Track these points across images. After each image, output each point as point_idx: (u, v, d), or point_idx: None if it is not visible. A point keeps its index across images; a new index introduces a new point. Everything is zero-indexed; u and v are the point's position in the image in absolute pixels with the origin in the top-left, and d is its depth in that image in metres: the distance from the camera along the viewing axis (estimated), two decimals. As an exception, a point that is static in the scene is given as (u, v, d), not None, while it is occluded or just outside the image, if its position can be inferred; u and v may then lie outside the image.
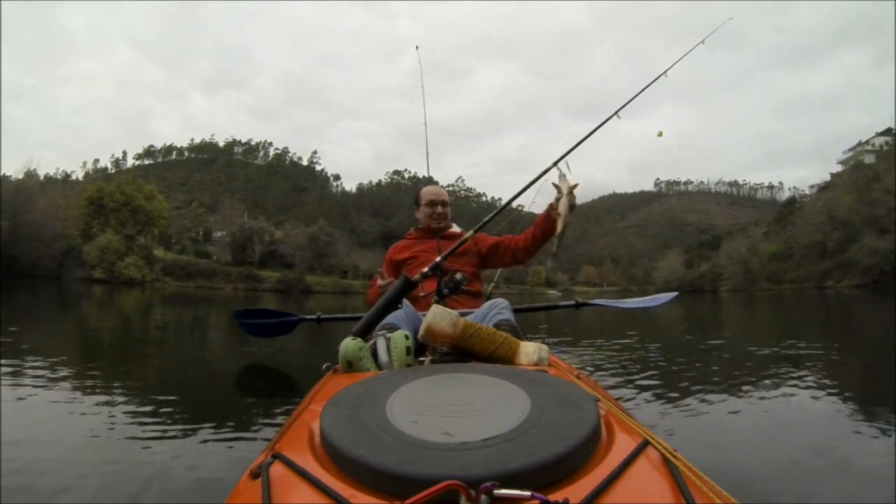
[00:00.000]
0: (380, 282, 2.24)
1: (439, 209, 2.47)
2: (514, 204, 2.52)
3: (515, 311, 1.86)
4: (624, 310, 3.77)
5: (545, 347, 1.36)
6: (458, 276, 2.02)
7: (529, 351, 1.35)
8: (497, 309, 1.72)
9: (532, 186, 2.37)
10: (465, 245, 2.27)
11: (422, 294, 2.10)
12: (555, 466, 0.67)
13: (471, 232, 2.31)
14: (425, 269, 2.10)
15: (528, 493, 0.60)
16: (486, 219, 2.38)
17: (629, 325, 6.87)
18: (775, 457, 1.90)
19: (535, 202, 3.22)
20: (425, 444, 0.72)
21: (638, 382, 3.21)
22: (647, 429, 0.83)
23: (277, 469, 0.74)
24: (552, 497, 0.60)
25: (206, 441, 2.21)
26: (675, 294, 3.81)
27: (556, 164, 2.33)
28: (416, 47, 3.79)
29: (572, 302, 3.65)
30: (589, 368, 3.67)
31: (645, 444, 0.76)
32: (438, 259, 2.17)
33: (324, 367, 1.66)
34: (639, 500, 0.65)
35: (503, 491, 0.60)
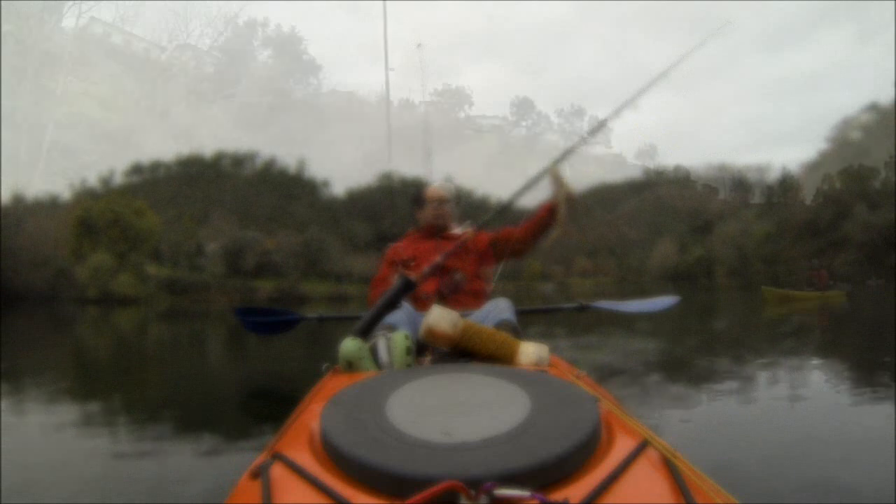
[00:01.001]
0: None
1: (443, 207, 2.48)
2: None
3: (517, 312, 1.86)
4: (625, 314, 3.80)
5: (545, 347, 1.36)
6: (459, 275, 2.01)
7: (529, 351, 1.35)
8: (498, 309, 1.73)
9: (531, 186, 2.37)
10: (465, 244, 2.27)
11: (423, 295, 2.09)
12: (555, 466, 0.67)
13: (471, 231, 2.31)
14: (425, 269, 2.09)
15: (528, 492, 0.60)
16: (486, 217, 2.37)
17: (627, 318, 6.86)
18: (777, 455, 1.90)
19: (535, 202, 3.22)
20: (425, 444, 0.72)
21: (638, 382, 3.22)
22: (647, 429, 0.83)
23: (277, 469, 0.73)
24: (552, 497, 0.60)
25: (206, 441, 2.22)
26: (677, 299, 3.83)
27: (556, 162, 2.33)
28: (418, 45, 3.75)
29: (575, 304, 3.71)
30: (589, 368, 3.69)
31: (645, 444, 0.76)
32: (439, 259, 2.16)
33: (324, 367, 1.65)
34: (639, 501, 0.65)
35: (503, 491, 0.60)
